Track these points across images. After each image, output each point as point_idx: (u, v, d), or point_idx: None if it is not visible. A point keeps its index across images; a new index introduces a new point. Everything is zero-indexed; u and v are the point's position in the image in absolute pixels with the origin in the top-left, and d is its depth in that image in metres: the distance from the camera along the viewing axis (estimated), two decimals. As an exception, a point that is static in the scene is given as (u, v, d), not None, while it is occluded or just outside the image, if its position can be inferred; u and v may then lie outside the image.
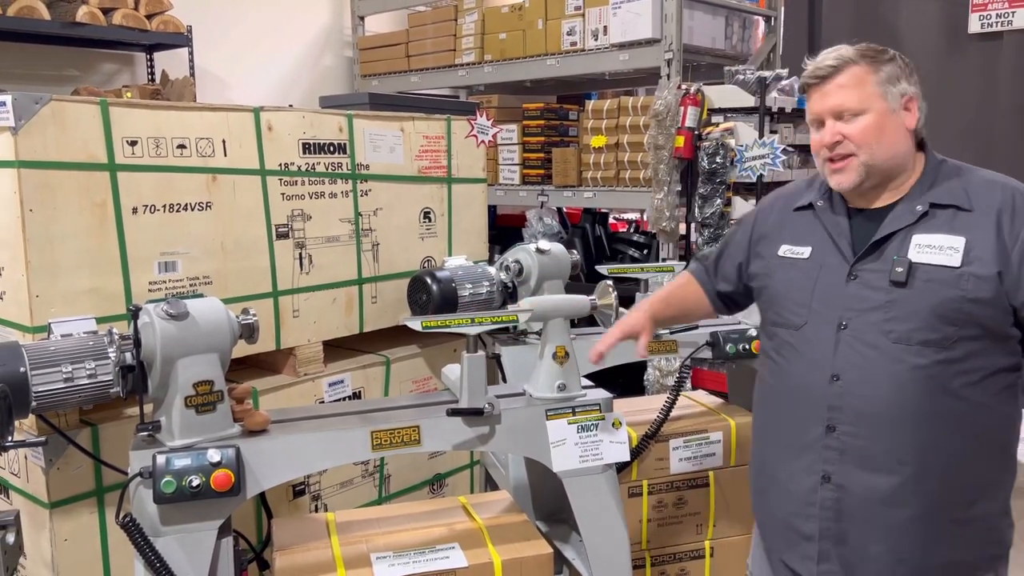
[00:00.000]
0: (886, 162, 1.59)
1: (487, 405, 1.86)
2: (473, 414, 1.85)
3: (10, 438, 1.45)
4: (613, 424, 2.00)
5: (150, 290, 2.08)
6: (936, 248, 1.54)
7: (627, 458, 2.03)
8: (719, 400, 3.09)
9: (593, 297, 2.08)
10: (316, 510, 2.52)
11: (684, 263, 3.73)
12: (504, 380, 2.18)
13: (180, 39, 4.59)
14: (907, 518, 1.57)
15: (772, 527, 1.80)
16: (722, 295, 1.96)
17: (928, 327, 1.52)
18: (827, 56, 1.61)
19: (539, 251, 2.59)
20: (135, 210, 2.04)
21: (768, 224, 1.82)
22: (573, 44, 4.52)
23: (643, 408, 2.77)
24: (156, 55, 4.78)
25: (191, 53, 4.72)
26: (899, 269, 1.54)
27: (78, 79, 4.59)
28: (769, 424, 1.80)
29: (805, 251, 1.70)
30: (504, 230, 5.12)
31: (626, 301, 2.52)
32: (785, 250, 1.74)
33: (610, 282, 2.12)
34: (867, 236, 1.62)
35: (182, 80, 4.55)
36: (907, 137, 1.61)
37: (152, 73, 4.78)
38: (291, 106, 2.61)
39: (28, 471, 1.97)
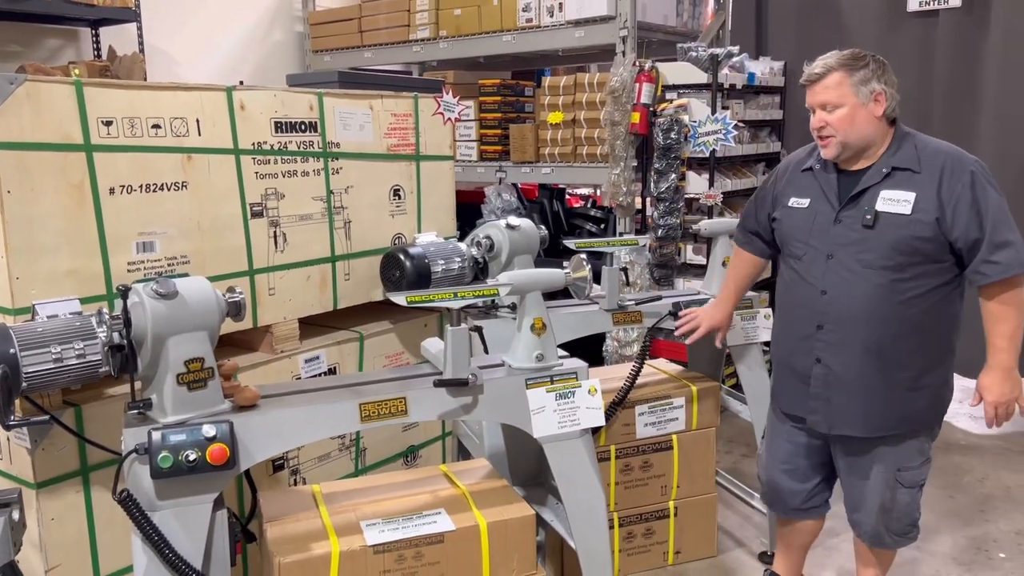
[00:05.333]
0: (856, 141, 2.15)
1: (471, 375, 1.93)
2: (458, 384, 1.92)
3: (12, 417, 1.47)
4: (589, 391, 2.09)
5: (129, 270, 2.09)
6: (895, 200, 2.11)
7: (602, 423, 2.13)
8: (680, 368, 3.22)
9: (568, 270, 2.16)
10: (295, 483, 2.57)
11: (644, 236, 3.84)
12: (486, 351, 2.26)
13: (127, 14, 4.47)
14: (873, 388, 2.19)
15: (787, 390, 2.39)
16: (768, 243, 2.49)
17: (887, 257, 2.11)
18: (817, 64, 2.17)
19: (509, 227, 2.65)
20: (112, 190, 2.04)
21: (783, 182, 2.38)
22: (529, 20, 4.56)
23: (607, 377, 2.88)
24: (102, 30, 4.65)
25: (140, 28, 4.62)
26: (868, 216, 2.13)
27: (21, 55, 4.45)
28: (783, 324, 2.41)
29: (805, 202, 2.28)
30: (461, 206, 5.15)
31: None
32: (793, 201, 2.31)
33: (584, 255, 2.21)
34: (848, 191, 2.19)
35: (131, 56, 4.46)
36: (874, 122, 2.14)
37: (98, 49, 4.66)
38: (241, 82, 2.58)
39: (12, 453, 1.97)
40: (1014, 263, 2.06)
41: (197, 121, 2.22)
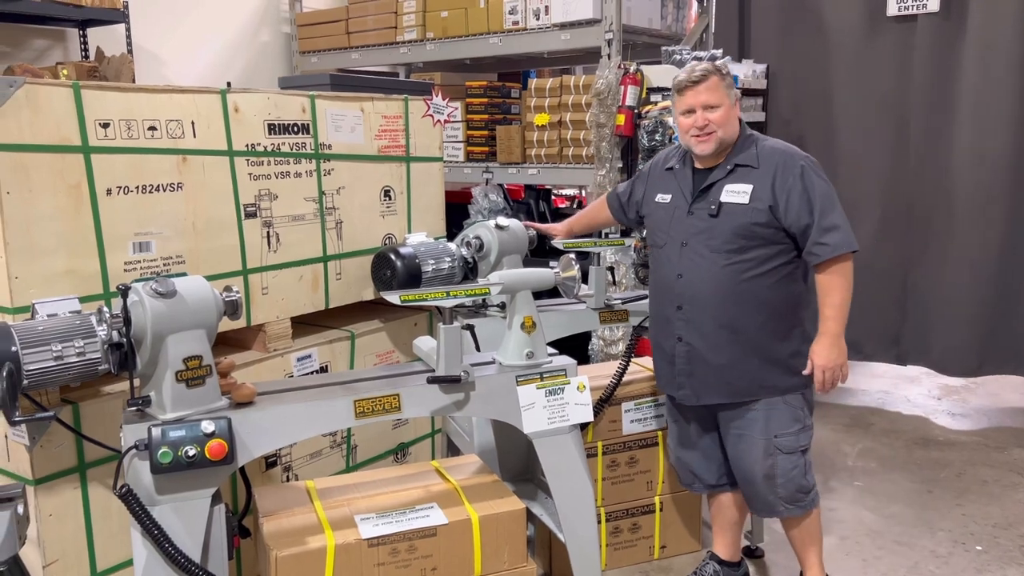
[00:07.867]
0: (729, 137, 2.43)
1: (463, 372, 1.98)
2: (451, 381, 1.97)
3: (17, 413, 1.50)
4: (578, 388, 2.15)
5: (125, 270, 2.12)
6: (736, 192, 2.38)
7: (591, 419, 2.18)
8: (665, 365, 3.27)
9: (557, 270, 2.22)
10: (287, 480, 2.60)
11: (629, 236, 3.90)
12: (478, 349, 2.30)
13: (116, 15, 4.49)
14: (729, 359, 2.41)
15: (660, 372, 2.63)
16: (626, 208, 2.84)
17: (729, 241, 2.37)
18: (697, 69, 2.41)
19: (498, 227, 2.70)
20: (109, 191, 2.07)
21: (652, 177, 2.69)
22: (515, 23, 4.61)
23: (594, 375, 2.93)
24: (90, 31, 4.66)
25: (128, 29, 4.63)
26: (713, 207, 2.40)
27: (8, 56, 4.45)
28: (652, 309, 2.65)
29: (668, 197, 2.55)
30: (448, 207, 5.19)
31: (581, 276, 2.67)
32: (659, 197, 2.59)
33: (572, 255, 2.26)
34: (699, 186, 2.46)
35: (119, 57, 4.46)
36: (736, 122, 2.44)
37: (86, 49, 4.67)
38: (229, 84, 2.62)
39: (10, 450, 2.00)
40: (842, 244, 2.31)
41: (192, 123, 2.25)
